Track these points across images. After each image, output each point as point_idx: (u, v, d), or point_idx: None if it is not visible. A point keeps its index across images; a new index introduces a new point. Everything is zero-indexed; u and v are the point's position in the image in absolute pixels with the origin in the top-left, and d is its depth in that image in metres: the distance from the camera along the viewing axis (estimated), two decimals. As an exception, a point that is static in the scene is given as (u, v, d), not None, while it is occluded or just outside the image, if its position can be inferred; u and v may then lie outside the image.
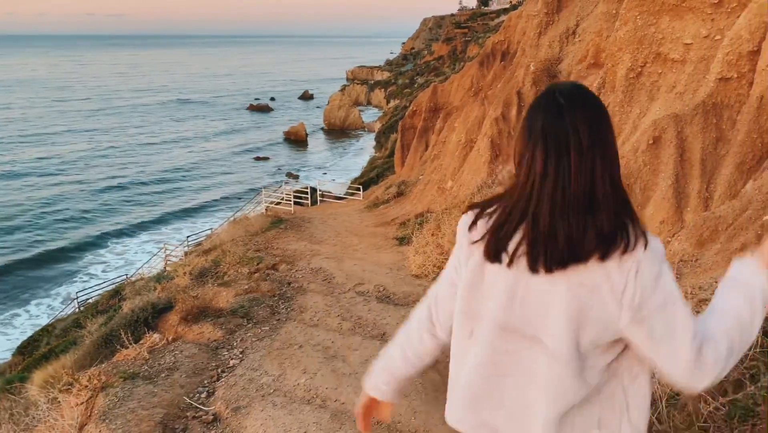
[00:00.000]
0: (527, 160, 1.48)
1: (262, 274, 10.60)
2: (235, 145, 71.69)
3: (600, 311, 1.43)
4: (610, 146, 1.48)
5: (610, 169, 1.45)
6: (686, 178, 8.27)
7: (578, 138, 1.42)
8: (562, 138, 1.43)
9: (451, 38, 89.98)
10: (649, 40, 9.88)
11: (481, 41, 61.42)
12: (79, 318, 15.99)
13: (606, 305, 1.43)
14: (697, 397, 3.79)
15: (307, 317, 7.55)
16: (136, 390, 5.24)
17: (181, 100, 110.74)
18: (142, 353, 6.21)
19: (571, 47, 16.70)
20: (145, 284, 14.32)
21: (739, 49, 8.21)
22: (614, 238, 1.42)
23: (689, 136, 8.34)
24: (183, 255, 19.91)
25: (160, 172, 58.83)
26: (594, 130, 1.44)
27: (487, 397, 1.58)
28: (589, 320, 1.43)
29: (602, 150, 1.44)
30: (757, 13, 8.12)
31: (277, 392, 5.27)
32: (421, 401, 4.84)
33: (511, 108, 16.65)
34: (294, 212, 21.89)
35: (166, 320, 7.89)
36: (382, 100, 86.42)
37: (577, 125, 1.43)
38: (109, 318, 10.99)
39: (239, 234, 16.37)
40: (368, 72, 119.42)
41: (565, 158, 1.42)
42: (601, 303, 1.43)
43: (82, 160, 62.36)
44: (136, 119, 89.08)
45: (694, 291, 5.25)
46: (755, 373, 3.63)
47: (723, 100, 8.39)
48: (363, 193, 26.18)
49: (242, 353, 6.30)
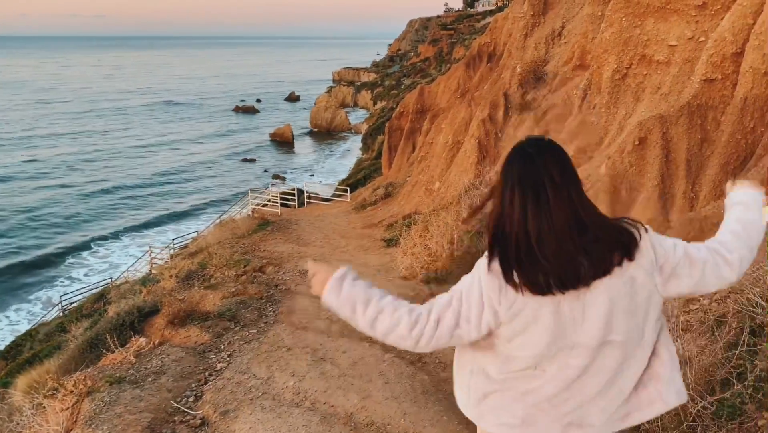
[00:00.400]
0: (507, 207, 1.70)
1: (249, 276, 10.55)
2: (221, 147, 71.36)
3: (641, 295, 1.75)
4: (579, 183, 1.73)
5: (585, 200, 1.71)
6: (672, 179, 8.34)
7: (551, 176, 1.67)
8: (537, 179, 1.67)
9: (437, 40, 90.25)
10: (634, 41, 9.95)
11: (467, 43, 61.66)
12: (64, 322, 15.83)
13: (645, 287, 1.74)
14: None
15: (295, 320, 7.52)
16: (123, 395, 5.18)
17: (167, 102, 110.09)
18: (128, 357, 6.15)
19: (557, 49, 16.80)
20: (131, 288, 14.19)
21: (723, 50, 8.29)
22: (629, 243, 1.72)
23: (674, 137, 8.41)
24: (169, 258, 19.76)
25: (144, 174, 58.41)
26: (563, 169, 1.69)
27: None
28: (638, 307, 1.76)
29: (574, 185, 1.69)
30: (740, 15, 8.21)
31: (265, 395, 5.24)
32: (410, 403, 4.83)
33: (498, 109, 16.71)
34: (281, 214, 21.82)
35: (152, 324, 7.82)
36: (369, 101, 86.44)
37: (549, 167, 1.68)
38: (94, 322, 10.88)
39: (226, 236, 16.28)
40: (355, 73, 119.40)
41: (543, 195, 1.66)
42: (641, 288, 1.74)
43: (65, 163, 61.79)
44: (121, 121, 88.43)
45: (680, 291, 5.29)
46: (742, 372, 3.65)
47: (707, 101, 8.47)
48: (350, 195, 26.16)
49: (230, 356, 6.26)
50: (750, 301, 4.03)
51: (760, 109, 8.00)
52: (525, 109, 16.10)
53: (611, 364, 1.76)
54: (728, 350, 3.87)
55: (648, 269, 1.73)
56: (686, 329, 4.52)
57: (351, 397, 5.04)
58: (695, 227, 7.14)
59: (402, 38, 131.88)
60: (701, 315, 4.53)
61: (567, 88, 14.10)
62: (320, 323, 7.26)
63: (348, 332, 6.89)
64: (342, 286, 1.84)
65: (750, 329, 3.87)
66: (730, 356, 3.79)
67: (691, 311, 4.75)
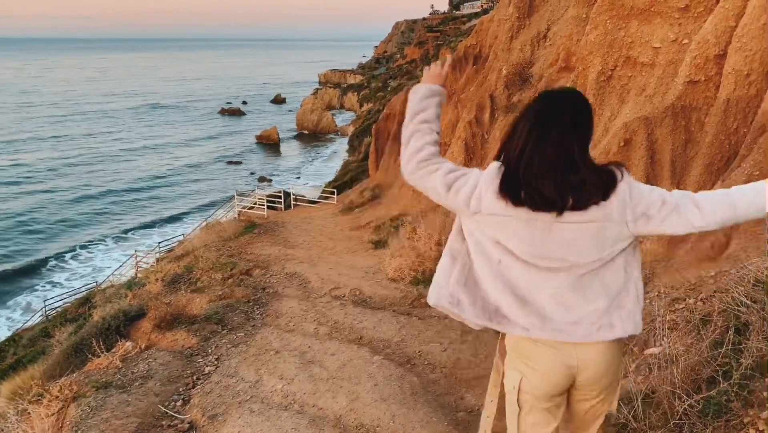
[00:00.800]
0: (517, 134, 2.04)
1: (236, 279, 10.50)
2: (207, 150, 70.99)
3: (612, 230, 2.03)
4: (587, 132, 2.04)
5: (584, 144, 2.02)
6: (657, 180, 8.41)
7: (562, 121, 1.98)
8: (549, 120, 1.99)
9: (423, 42, 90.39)
10: (618, 43, 10.03)
11: (453, 45, 61.80)
12: (48, 327, 15.65)
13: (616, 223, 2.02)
14: (671, 394, 3.84)
15: (282, 323, 7.49)
16: (109, 400, 5.14)
17: (152, 104, 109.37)
18: (114, 361, 6.10)
19: (543, 51, 16.89)
20: (116, 292, 14.07)
21: (706, 52, 8.38)
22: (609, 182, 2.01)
23: (659, 138, 8.49)
24: (155, 261, 19.61)
25: (129, 178, 57.93)
26: (576, 117, 2.01)
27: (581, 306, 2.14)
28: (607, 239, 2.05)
29: (580, 132, 2.01)
30: (722, 17, 8.30)
31: (254, 398, 5.21)
32: (399, 405, 4.83)
33: (485, 111, 16.77)
34: (267, 217, 21.73)
35: (138, 328, 7.76)
36: (356, 103, 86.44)
37: (563, 112, 2.00)
38: (79, 327, 10.78)
39: (212, 240, 16.20)
40: (341, 75, 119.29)
41: (547, 135, 1.98)
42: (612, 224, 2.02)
43: (47, 167, 61.18)
44: (105, 125, 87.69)
45: (667, 290, 5.33)
46: (728, 370, 3.69)
47: (691, 102, 8.55)
48: (337, 197, 26.12)
49: (217, 359, 6.22)
50: (735, 300, 4.07)
51: (742, 111, 8.10)
52: (511, 110, 16.17)
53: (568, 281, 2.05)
54: (714, 348, 3.91)
55: (620, 208, 2.01)
56: (672, 327, 4.56)
57: (340, 399, 5.03)
58: (680, 227, 7.23)
59: (388, 40, 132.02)
60: (687, 314, 4.57)
61: (552, 89, 14.19)
62: (308, 325, 7.24)
63: (336, 334, 6.88)
64: (430, 95, 2.30)
65: (735, 328, 3.91)
66: (716, 355, 3.83)
67: (677, 310, 4.79)
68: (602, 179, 2.00)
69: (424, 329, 6.61)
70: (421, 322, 6.95)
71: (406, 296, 8.32)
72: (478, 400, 4.97)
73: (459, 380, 5.40)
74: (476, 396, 5.03)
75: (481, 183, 2.06)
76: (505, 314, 2.15)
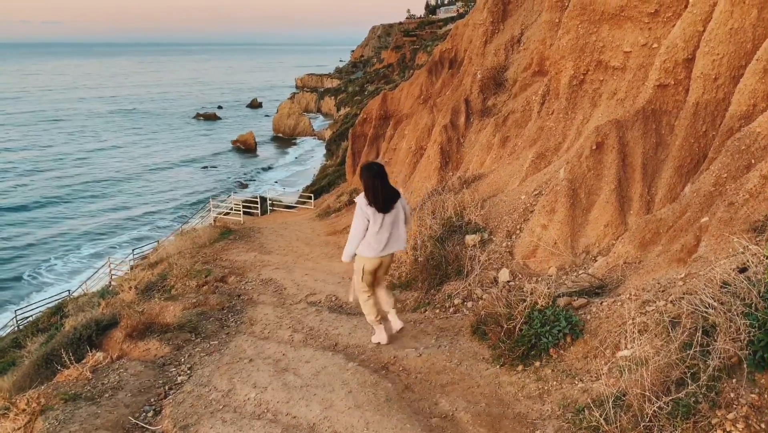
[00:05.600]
0: (372, 182, 5.80)
1: (210, 287, 10.39)
2: (182, 155, 70.32)
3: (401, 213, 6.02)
4: (386, 176, 5.98)
5: (388, 181, 5.94)
6: (628, 182, 8.50)
7: (381, 174, 5.84)
8: (377, 174, 5.82)
9: (399, 46, 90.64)
10: (590, 48, 10.14)
11: (429, 49, 62.07)
12: (18, 337, 15.34)
13: (402, 210, 6.03)
14: (642, 397, 3.87)
15: (257, 330, 7.42)
16: (78, 412, 5.03)
17: (127, 110, 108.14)
18: (84, 372, 5.98)
19: (517, 55, 17.02)
20: (89, 300, 13.85)
21: (675, 56, 8.51)
22: (397, 195, 6.01)
23: (630, 141, 8.58)
24: (129, 269, 19.34)
25: (102, 184, 57.16)
26: (383, 172, 5.90)
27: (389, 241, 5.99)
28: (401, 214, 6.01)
29: (386, 178, 5.92)
30: (690, 22, 8.44)
31: (226, 408, 5.14)
32: (373, 412, 4.80)
33: (460, 116, 16.84)
34: (243, 222, 21.57)
35: (110, 337, 7.63)
36: (332, 107, 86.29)
37: (379, 171, 5.88)
38: (50, 337, 10.58)
39: (186, 246, 16.01)
40: (318, 80, 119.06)
41: (378, 180, 5.81)
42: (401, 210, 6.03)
43: (17, 171, 60.13)
44: (79, 130, 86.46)
45: (638, 292, 5.38)
46: (696, 372, 3.73)
47: (661, 106, 8.67)
48: (314, 202, 26.02)
49: (190, 368, 6.14)
50: (703, 302, 4.12)
51: (711, 114, 8.22)
52: (486, 114, 16.25)
53: (390, 230, 5.91)
54: (683, 350, 3.95)
55: (402, 204, 6.02)
56: (643, 330, 4.60)
57: (314, 407, 4.98)
58: (651, 228, 7.29)
59: (365, 45, 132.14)
60: (657, 316, 4.61)
61: (526, 94, 14.29)
62: (283, 332, 7.18)
63: (311, 341, 6.83)
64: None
65: (703, 330, 3.96)
66: (685, 357, 3.87)
67: (647, 312, 4.83)
68: (396, 195, 5.96)
69: (400, 335, 6.58)
70: (396, 327, 6.93)
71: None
72: (452, 405, 4.97)
73: (434, 385, 5.39)
74: (450, 401, 5.03)
75: (364, 206, 5.79)
76: (375, 247, 5.90)
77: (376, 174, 5.79)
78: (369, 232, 5.82)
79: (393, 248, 6.01)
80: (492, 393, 5.14)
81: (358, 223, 5.80)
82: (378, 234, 5.82)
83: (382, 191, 5.76)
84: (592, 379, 4.78)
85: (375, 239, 5.84)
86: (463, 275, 8.01)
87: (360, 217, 5.78)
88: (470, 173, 13.42)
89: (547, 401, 4.82)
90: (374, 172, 5.81)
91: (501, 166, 12.37)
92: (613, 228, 8.29)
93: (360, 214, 5.78)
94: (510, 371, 5.39)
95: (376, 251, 5.89)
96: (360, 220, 5.78)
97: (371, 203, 5.73)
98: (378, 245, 5.87)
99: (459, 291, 7.67)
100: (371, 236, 5.84)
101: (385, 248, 5.92)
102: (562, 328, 5.40)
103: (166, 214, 47.67)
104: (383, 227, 5.83)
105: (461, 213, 10.26)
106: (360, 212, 5.78)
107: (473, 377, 5.46)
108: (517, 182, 10.73)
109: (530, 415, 4.72)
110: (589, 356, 5.09)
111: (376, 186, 5.75)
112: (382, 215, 5.78)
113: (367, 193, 5.77)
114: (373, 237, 5.83)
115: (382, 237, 5.85)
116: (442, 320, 7.14)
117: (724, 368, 3.71)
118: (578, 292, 6.42)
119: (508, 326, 5.64)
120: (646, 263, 6.65)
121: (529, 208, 9.47)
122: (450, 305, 7.49)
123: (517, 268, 8.35)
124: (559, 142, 10.62)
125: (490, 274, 8.13)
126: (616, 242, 7.77)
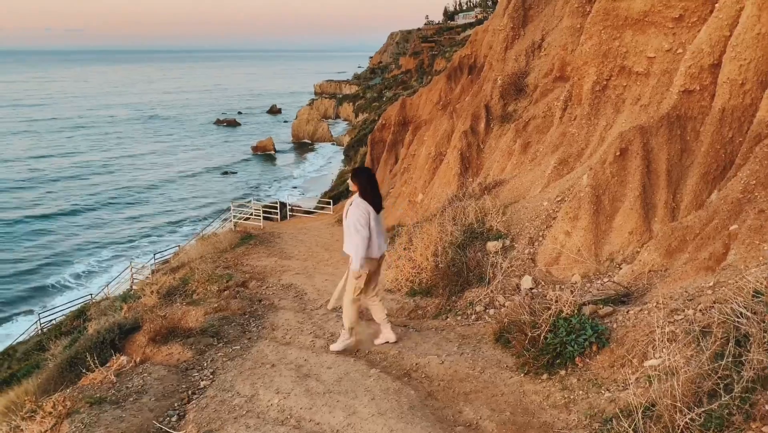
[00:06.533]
0: (365, 187, 6.03)
1: (231, 291, 10.43)
2: (203, 161, 70.97)
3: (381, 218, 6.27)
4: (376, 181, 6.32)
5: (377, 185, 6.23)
6: (653, 189, 8.39)
7: (374, 180, 6.20)
8: (370, 178, 6.16)
9: (418, 52, 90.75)
10: (613, 53, 10.05)
11: (448, 55, 62.03)
12: (42, 340, 15.53)
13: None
14: (672, 407, 3.79)
15: (279, 335, 7.43)
16: (103, 415, 5.06)
17: (149, 116, 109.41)
18: (108, 376, 6.02)
19: (538, 61, 16.94)
20: (111, 304, 13.97)
21: (701, 62, 8.39)
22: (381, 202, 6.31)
23: (655, 147, 8.48)
24: (150, 274, 19.50)
25: (124, 189, 57.85)
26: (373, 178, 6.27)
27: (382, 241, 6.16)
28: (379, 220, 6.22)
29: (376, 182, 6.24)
30: (716, 27, 8.32)
31: (249, 413, 5.15)
32: (397, 419, 4.77)
33: (480, 121, 16.78)
34: (263, 228, 21.66)
35: (133, 341, 7.67)
36: (351, 113, 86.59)
37: (372, 175, 6.24)
38: (74, 340, 10.68)
39: (208, 251, 16.12)
40: (336, 86, 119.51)
41: (372, 183, 6.09)
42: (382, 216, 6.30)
43: (46, 179, 61.04)
44: (102, 137, 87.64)
45: (665, 301, 5.30)
46: (729, 383, 3.65)
47: (686, 112, 8.55)
48: (333, 207, 26.07)
49: (213, 373, 6.16)
50: (735, 311, 4.04)
51: (737, 120, 8.10)
52: (506, 120, 16.18)
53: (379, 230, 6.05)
54: (714, 360, 3.87)
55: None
56: (672, 339, 4.52)
57: (337, 414, 4.97)
58: (677, 236, 7.18)
59: (383, 51, 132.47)
60: (686, 325, 4.53)
61: (548, 99, 14.20)
62: (304, 338, 7.18)
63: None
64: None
65: (735, 339, 3.87)
66: (717, 367, 3.79)
67: (675, 321, 4.75)
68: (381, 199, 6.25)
69: (421, 341, 6.55)
70: (418, 334, 6.90)
71: (402, 308, 8.26)
72: (476, 414, 4.92)
73: (457, 393, 5.35)
74: (474, 410, 4.98)
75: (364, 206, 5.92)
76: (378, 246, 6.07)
77: (371, 176, 6.17)
78: (373, 232, 5.93)
79: (385, 247, 6.21)
80: (517, 402, 5.08)
81: (365, 224, 5.85)
82: (379, 233, 6.02)
83: (378, 192, 6.09)
84: (619, 388, 4.71)
85: (377, 239, 5.99)
86: (484, 282, 7.95)
87: (364, 218, 5.83)
88: (491, 179, 13.35)
89: (573, 410, 4.76)
90: (370, 174, 6.20)
91: (522, 172, 12.30)
92: (637, 235, 8.18)
93: (364, 215, 5.83)
94: (535, 380, 5.33)
95: (381, 250, 6.10)
96: (366, 221, 5.84)
97: (370, 203, 5.92)
98: (380, 244, 6.06)
99: (481, 298, 7.61)
100: (375, 236, 5.95)
101: (381, 247, 6.09)
102: (588, 336, 5.33)
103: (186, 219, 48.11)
104: (380, 225, 6.08)
105: (482, 219, 10.20)
106: (365, 213, 5.84)
107: (497, 385, 5.41)
108: (539, 189, 10.65)
109: (556, 424, 4.66)
110: (615, 366, 5.01)
111: (374, 186, 6.05)
112: (377, 215, 6.01)
113: (366, 193, 5.95)
114: (376, 237, 5.96)
115: (381, 236, 6.06)
116: (464, 327, 7.09)
117: (758, 379, 3.62)
118: (604, 300, 6.34)
119: (532, 334, 5.58)
120: (673, 271, 6.55)
121: (551, 214, 9.38)
122: (472, 312, 7.43)
123: (539, 275, 8.27)
124: (581, 149, 10.52)
125: (513, 281, 8.07)
126: (642, 250, 7.67)
